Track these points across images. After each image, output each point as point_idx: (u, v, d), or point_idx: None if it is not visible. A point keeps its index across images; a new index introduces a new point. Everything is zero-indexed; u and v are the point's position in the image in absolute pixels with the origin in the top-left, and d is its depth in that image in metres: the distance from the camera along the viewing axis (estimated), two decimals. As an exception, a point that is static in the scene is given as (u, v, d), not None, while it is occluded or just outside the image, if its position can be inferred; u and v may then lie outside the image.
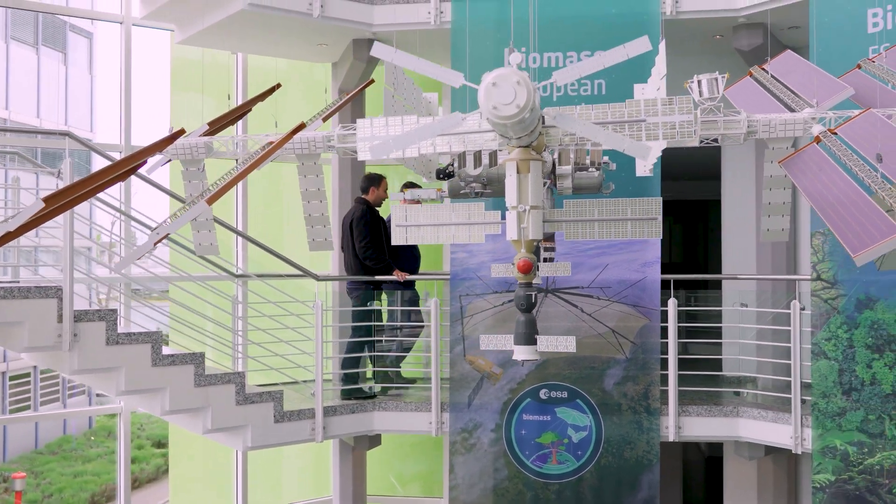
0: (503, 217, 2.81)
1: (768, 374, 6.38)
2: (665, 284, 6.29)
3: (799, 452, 5.97)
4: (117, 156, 7.06)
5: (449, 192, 3.09)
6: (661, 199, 2.91)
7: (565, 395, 6.21)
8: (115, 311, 5.01)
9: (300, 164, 3.38)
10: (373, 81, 4.12)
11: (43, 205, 2.21)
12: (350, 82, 7.41)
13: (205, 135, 3.41)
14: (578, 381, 6.21)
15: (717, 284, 7.92)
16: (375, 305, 6.49)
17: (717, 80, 3.08)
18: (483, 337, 2.78)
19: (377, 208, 6.87)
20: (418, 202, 3.05)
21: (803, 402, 5.97)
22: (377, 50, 2.58)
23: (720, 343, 6.64)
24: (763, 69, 3.78)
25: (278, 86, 3.78)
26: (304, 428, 5.78)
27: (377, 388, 6.56)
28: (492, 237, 6.38)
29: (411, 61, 2.49)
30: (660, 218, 2.81)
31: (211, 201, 2.79)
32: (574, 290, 6.25)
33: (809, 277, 5.96)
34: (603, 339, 6.24)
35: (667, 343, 6.18)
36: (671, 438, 6.31)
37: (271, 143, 3.02)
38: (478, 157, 2.77)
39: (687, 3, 6.44)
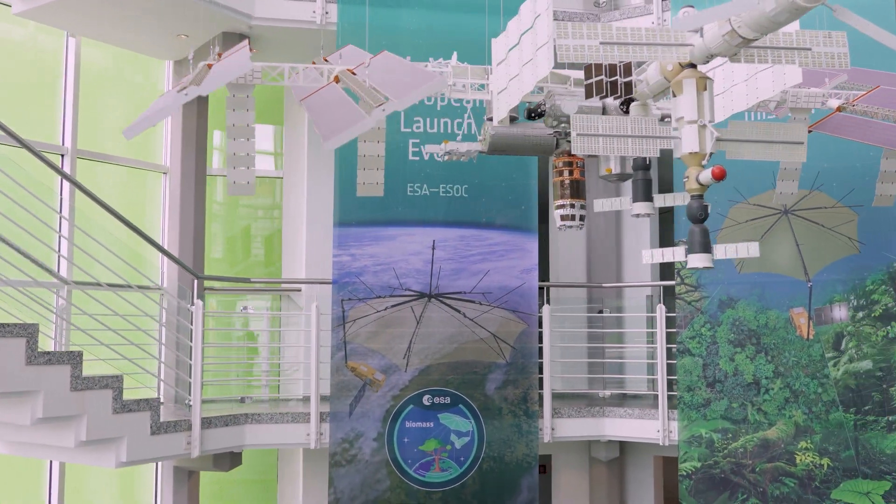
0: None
1: (637, 374, 6.89)
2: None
3: (666, 444, 6.47)
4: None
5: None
6: (806, 126, 3.30)
7: (448, 400, 6.40)
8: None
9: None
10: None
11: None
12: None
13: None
14: (461, 386, 6.43)
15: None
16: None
17: None
18: (645, 252, 3.04)
19: None
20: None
21: (669, 397, 6.49)
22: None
23: (593, 347, 7.09)
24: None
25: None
26: (180, 442, 5.55)
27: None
28: (374, 241, 6.47)
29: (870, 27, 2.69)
30: (805, 143, 3.16)
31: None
32: (457, 296, 6.47)
33: (674, 282, 6.54)
34: (484, 343, 6.52)
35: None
36: (546, 440, 6.63)
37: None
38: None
39: None
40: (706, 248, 3.02)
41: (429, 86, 3.37)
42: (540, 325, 6.77)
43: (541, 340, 6.76)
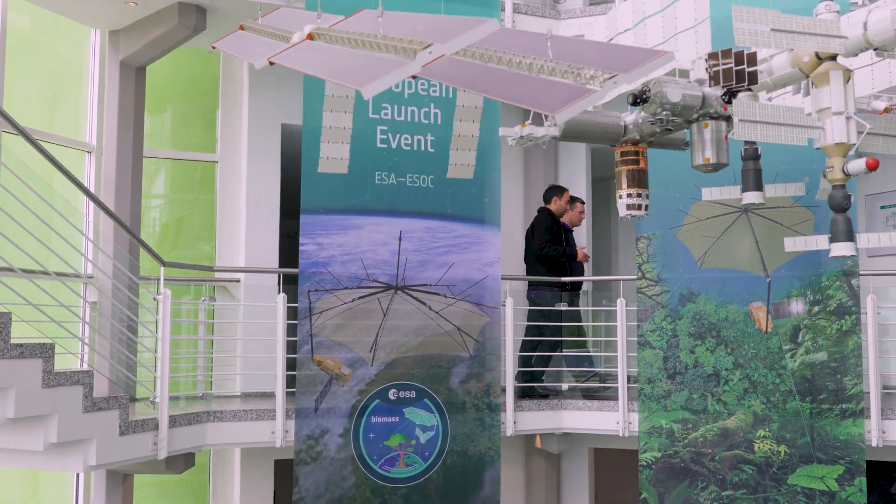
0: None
1: (597, 367, 7.06)
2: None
3: (626, 436, 6.66)
4: None
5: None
6: None
7: (413, 394, 6.36)
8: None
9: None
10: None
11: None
12: (146, 55, 6.93)
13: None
14: (426, 379, 6.40)
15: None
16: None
17: None
18: (788, 240, 3.07)
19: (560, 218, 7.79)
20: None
21: (628, 389, 6.70)
22: None
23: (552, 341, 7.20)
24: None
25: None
26: (146, 443, 5.27)
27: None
28: (342, 230, 6.35)
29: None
30: None
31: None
32: (423, 288, 6.42)
33: (635, 277, 6.74)
34: (449, 336, 6.52)
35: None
36: (509, 433, 6.69)
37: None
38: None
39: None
40: (850, 237, 3.15)
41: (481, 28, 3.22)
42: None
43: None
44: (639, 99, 3.41)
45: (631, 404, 6.82)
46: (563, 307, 7.31)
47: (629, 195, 3.90)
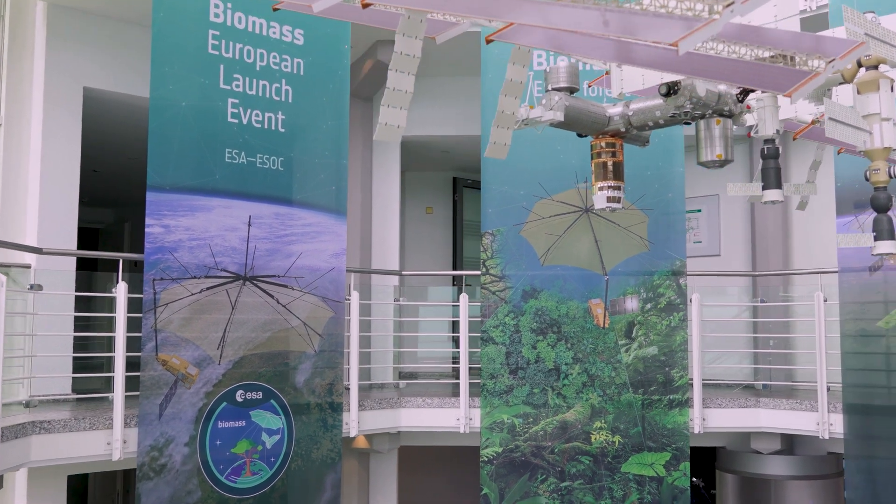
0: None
1: (442, 363, 7.07)
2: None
3: (466, 432, 6.76)
4: None
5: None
6: None
7: (260, 395, 5.97)
8: None
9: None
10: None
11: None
12: None
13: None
14: (273, 379, 6.04)
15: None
16: None
17: None
18: (841, 236, 3.07)
19: None
20: None
21: (472, 385, 6.81)
22: None
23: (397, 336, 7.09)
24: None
25: None
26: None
27: None
28: (190, 211, 5.86)
29: None
30: None
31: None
32: (270, 280, 6.01)
33: (480, 272, 6.85)
34: (295, 332, 6.18)
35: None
36: (352, 434, 6.51)
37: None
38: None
39: None
40: (892, 236, 3.36)
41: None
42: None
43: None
44: (671, 90, 3.47)
45: (472, 400, 6.92)
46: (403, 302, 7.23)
47: (611, 188, 3.95)
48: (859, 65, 3.44)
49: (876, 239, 3.41)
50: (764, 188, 3.74)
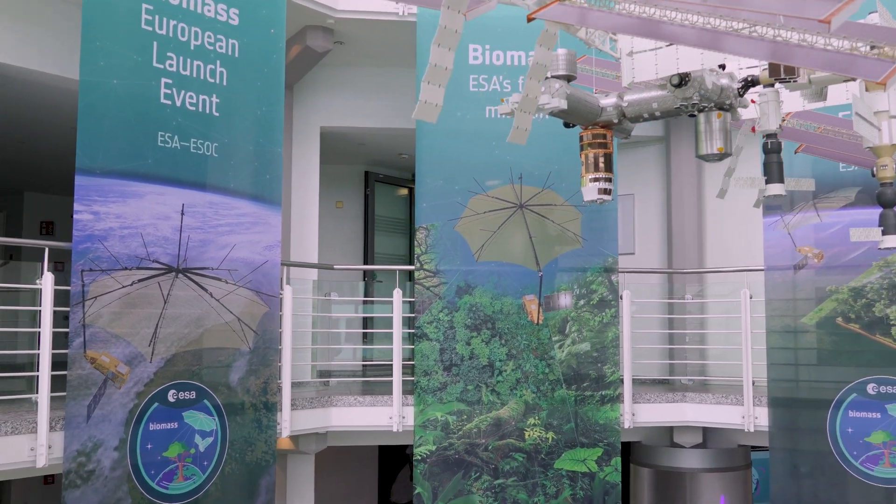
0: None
1: (375, 360, 6.90)
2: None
3: (399, 431, 6.65)
4: None
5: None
6: None
7: (193, 395, 5.68)
8: None
9: None
10: None
11: None
12: None
13: None
14: (206, 377, 5.78)
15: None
16: None
17: None
18: (853, 230, 3.07)
19: None
20: None
21: (405, 382, 6.71)
22: None
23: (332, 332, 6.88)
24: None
25: None
26: None
27: None
28: (121, 197, 5.56)
29: None
30: None
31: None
32: (203, 272, 5.72)
33: (414, 267, 6.76)
34: (229, 327, 5.89)
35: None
36: (284, 434, 6.28)
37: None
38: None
39: None
40: None
41: None
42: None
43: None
44: (682, 81, 3.48)
45: (405, 398, 6.79)
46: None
47: (604, 179, 3.93)
48: None
49: (883, 233, 3.55)
50: (767, 182, 3.83)
